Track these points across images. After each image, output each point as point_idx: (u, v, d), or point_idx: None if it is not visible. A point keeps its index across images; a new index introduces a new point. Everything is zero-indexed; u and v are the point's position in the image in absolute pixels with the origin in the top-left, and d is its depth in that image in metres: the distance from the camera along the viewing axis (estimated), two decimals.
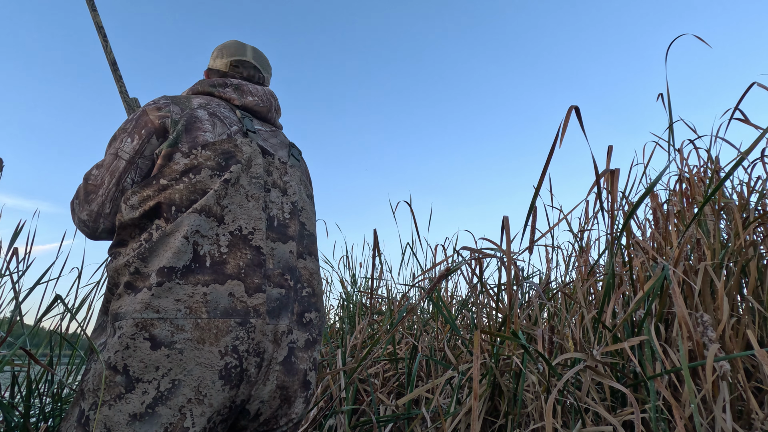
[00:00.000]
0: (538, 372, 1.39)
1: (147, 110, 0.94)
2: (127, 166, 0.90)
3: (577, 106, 1.31)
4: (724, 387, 1.08)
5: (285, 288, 0.88)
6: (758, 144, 1.23)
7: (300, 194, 1.02)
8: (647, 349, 1.27)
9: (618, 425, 1.11)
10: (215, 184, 0.87)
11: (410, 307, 1.85)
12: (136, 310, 0.76)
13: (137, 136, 0.91)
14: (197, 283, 0.79)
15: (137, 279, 0.79)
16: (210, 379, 0.76)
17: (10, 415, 1.36)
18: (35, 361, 0.84)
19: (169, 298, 0.77)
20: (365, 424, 1.58)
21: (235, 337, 0.78)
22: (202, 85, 1.08)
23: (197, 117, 0.93)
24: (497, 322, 1.85)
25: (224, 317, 0.79)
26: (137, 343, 0.74)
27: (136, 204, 0.85)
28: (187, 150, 0.88)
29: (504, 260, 1.54)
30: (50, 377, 1.64)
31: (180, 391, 0.74)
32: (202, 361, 0.76)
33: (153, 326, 0.75)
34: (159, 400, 0.73)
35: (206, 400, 0.76)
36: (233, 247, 0.84)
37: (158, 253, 0.80)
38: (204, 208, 0.84)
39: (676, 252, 1.44)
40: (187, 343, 0.75)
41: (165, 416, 0.73)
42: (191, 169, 0.87)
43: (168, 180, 0.85)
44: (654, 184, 1.33)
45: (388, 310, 2.28)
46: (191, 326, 0.76)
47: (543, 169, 1.30)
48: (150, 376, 0.74)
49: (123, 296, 0.79)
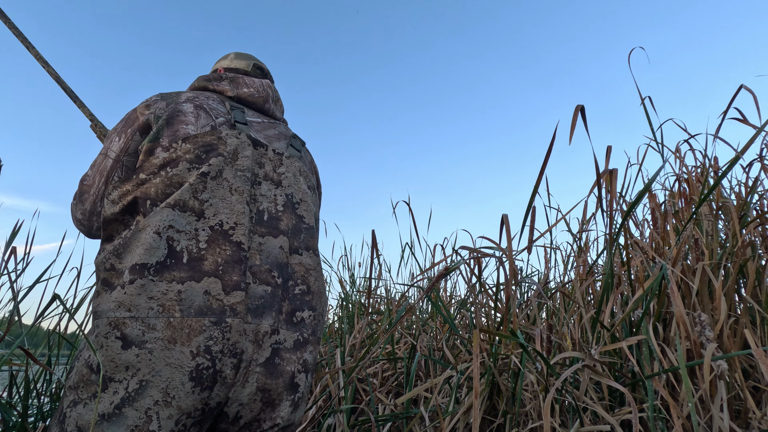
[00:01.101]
0: (537, 371, 1.39)
1: (137, 108, 0.94)
2: (113, 164, 0.92)
3: (583, 105, 1.31)
4: (722, 386, 1.08)
5: (271, 285, 0.85)
6: (753, 143, 1.23)
7: (298, 186, 0.98)
8: (645, 348, 1.27)
9: (616, 424, 1.11)
10: (191, 177, 0.84)
11: (409, 307, 1.85)
12: (110, 308, 0.74)
13: (124, 135, 0.93)
14: (172, 280, 0.76)
15: (112, 276, 0.77)
16: (179, 381, 0.73)
17: (8, 415, 1.36)
18: (34, 360, 0.84)
19: (142, 295, 0.74)
20: (364, 423, 1.58)
21: (208, 337, 0.75)
22: (198, 80, 1.10)
23: (180, 110, 0.91)
24: (496, 322, 1.85)
25: (198, 316, 0.76)
26: (109, 342, 0.73)
27: (116, 199, 0.83)
28: (167, 144, 0.86)
29: (503, 259, 1.54)
30: (49, 377, 1.63)
31: (147, 393, 0.72)
32: (171, 361, 0.73)
33: (125, 325, 0.73)
34: (126, 401, 0.71)
35: (174, 402, 0.73)
36: (212, 242, 0.81)
37: (131, 249, 0.78)
38: (178, 203, 0.81)
39: (675, 252, 1.44)
40: (158, 342, 0.73)
41: (131, 418, 0.71)
42: (169, 162, 0.84)
43: (146, 174, 0.83)
44: (651, 182, 1.33)
45: (387, 310, 2.29)
46: (163, 325, 0.74)
47: (540, 169, 1.31)
48: (120, 375, 0.72)
49: (101, 294, 0.77)
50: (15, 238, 1.68)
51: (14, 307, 1.45)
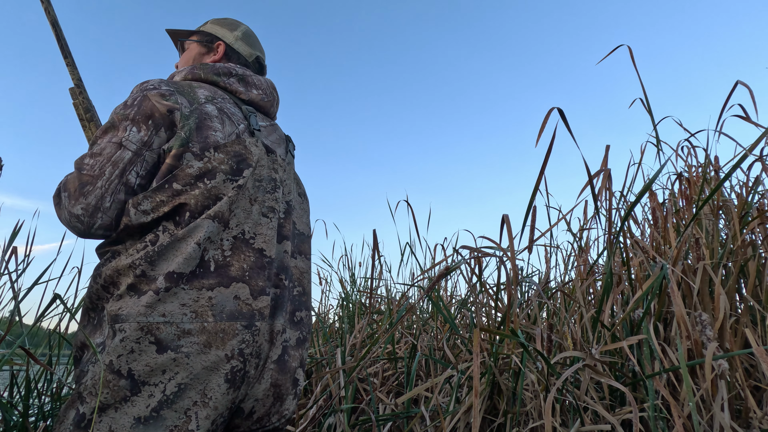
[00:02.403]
0: (537, 371, 1.39)
1: (149, 96, 0.85)
2: (133, 157, 0.83)
3: (560, 108, 1.30)
4: (723, 386, 1.08)
5: (280, 288, 0.88)
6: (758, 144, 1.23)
7: (293, 192, 1.00)
8: (646, 348, 1.27)
9: (617, 424, 1.11)
10: (229, 190, 0.84)
11: (409, 307, 1.85)
12: (141, 313, 0.74)
13: (144, 126, 0.84)
14: (201, 288, 0.78)
15: (142, 282, 0.77)
16: (216, 383, 0.76)
17: (9, 414, 1.37)
18: (34, 360, 0.84)
19: (174, 302, 0.76)
20: (364, 423, 1.58)
21: (241, 340, 0.79)
22: (204, 71, 1.00)
23: (207, 113, 0.88)
24: (496, 321, 1.85)
25: (230, 320, 0.78)
26: (142, 346, 0.73)
27: (148, 209, 0.81)
28: (198, 151, 0.84)
29: (504, 258, 1.54)
30: (49, 376, 1.63)
31: (186, 394, 0.74)
32: (208, 365, 0.76)
33: (158, 330, 0.74)
34: (164, 404, 0.73)
35: (211, 403, 0.76)
36: (236, 249, 0.83)
37: (167, 257, 0.78)
38: (217, 215, 0.82)
39: (675, 251, 1.44)
40: (194, 346, 0.75)
41: (170, 419, 0.73)
42: (206, 173, 0.83)
43: (182, 185, 0.82)
44: (651, 182, 1.33)
45: (388, 310, 2.29)
46: (198, 330, 0.76)
47: (541, 168, 1.31)
48: (156, 379, 0.73)
49: (124, 297, 0.77)
50: (15, 238, 1.68)
51: (15, 307, 1.45)
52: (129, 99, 0.88)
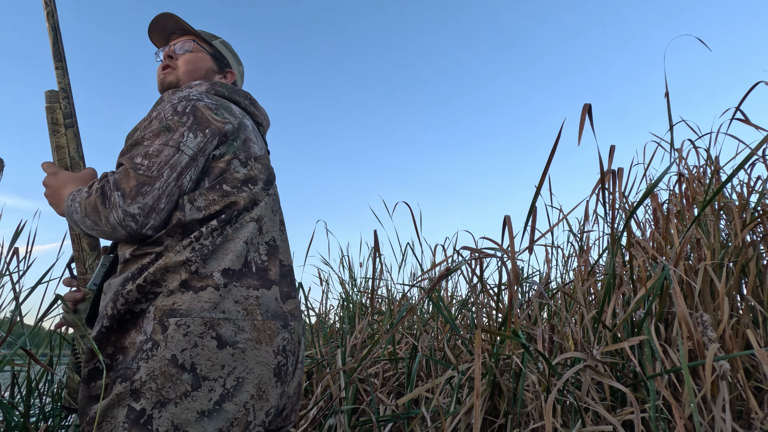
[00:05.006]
0: (538, 371, 1.39)
1: (199, 106, 0.90)
2: (189, 162, 0.85)
3: (590, 104, 1.30)
4: (724, 386, 1.08)
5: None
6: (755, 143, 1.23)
7: None
8: (647, 348, 1.27)
9: (618, 425, 1.11)
10: (264, 197, 0.94)
11: (410, 307, 1.85)
12: (204, 309, 0.78)
13: (201, 134, 0.87)
14: (249, 287, 0.84)
15: (194, 278, 0.80)
16: (267, 377, 0.82)
17: (10, 415, 1.37)
18: (35, 360, 0.85)
19: (229, 299, 0.81)
20: (365, 424, 1.58)
21: (282, 338, 0.85)
22: (227, 90, 1.04)
23: (247, 127, 0.98)
24: (497, 322, 1.85)
25: (273, 319, 0.85)
26: (205, 341, 0.77)
27: (202, 206, 0.85)
28: (243, 159, 0.93)
29: (504, 259, 1.54)
30: (50, 377, 1.64)
31: (244, 388, 0.79)
32: (260, 360, 0.81)
33: (219, 326, 0.78)
34: (225, 397, 0.76)
35: (265, 396, 0.81)
36: (270, 255, 0.90)
37: (218, 255, 0.83)
38: (259, 218, 0.90)
39: (677, 252, 1.44)
40: (248, 343, 0.80)
41: (231, 412, 0.77)
42: (249, 179, 0.92)
43: (230, 187, 0.89)
44: (655, 184, 1.33)
45: (388, 310, 2.29)
46: (250, 327, 0.81)
47: (544, 169, 1.30)
48: (216, 374, 0.77)
49: (175, 294, 0.78)
50: (17, 239, 1.68)
51: (16, 308, 1.46)
52: (178, 107, 0.90)
